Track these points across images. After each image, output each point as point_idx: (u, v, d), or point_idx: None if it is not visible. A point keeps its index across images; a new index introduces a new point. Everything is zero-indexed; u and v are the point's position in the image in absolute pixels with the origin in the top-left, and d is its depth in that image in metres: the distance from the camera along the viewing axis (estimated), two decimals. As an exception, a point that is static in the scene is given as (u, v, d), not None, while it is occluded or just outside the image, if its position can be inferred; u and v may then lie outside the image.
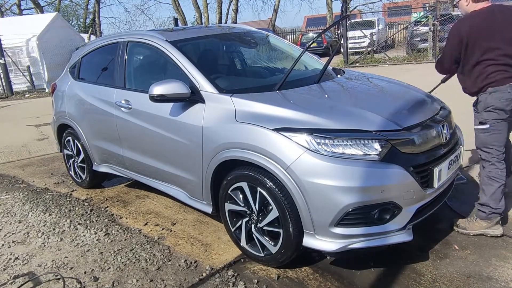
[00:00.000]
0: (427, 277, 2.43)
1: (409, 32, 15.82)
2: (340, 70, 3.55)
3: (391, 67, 13.45)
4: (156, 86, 2.77)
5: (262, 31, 4.12)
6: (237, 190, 2.63)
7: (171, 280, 2.59)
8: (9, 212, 3.88)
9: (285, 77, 2.83)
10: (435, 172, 2.38)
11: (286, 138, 2.31)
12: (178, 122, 2.91)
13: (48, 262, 2.91)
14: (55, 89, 4.54)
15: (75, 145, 4.22)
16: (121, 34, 3.90)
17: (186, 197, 3.09)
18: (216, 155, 2.65)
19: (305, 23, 34.41)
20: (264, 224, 2.52)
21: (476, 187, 3.57)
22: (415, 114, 2.56)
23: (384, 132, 2.30)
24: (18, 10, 28.19)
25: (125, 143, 3.55)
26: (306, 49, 3.08)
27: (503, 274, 2.40)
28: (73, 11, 34.41)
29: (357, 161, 2.22)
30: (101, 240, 3.18)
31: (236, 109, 2.61)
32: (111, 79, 3.70)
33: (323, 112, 2.46)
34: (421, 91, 3.11)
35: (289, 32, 27.28)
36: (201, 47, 3.55)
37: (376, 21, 20.58)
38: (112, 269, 2.76)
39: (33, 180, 4.82)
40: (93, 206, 3.89)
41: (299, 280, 2.50)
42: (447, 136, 2.62)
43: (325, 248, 2.30)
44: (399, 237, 2.31)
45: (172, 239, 3.12)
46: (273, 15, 26.94)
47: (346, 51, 14.91)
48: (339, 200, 2.19)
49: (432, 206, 2.54)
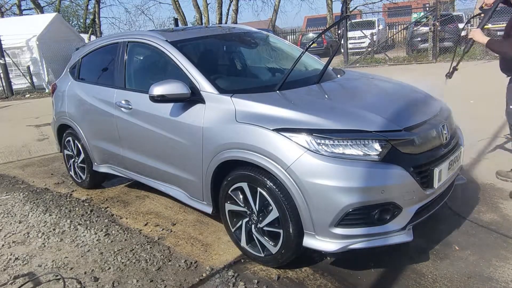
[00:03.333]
0: (428, 278, 2.42)
1: (409, 33, 15.84)
2: (340, 71, 3.55)
3: (391, 67, 13.46)
4: (156, 87, 2.77)
5: (262, 32, 4.12)
6: (237, 191, 2.63)
7: (171, 281, 2.59)
8: (9, 213, 3.88)
9: (285, 78, 2.83)
10: (435, 172, 2.38)
11: (286, 139, 2.31)
12: (178, 123, 2.91)
13: (48, 263, 2.91)
14: (55, 89, 4.54)
15: (75, 145, 4.22)
16: (121, 34, 3.90)
17: (186, 198, 3.09)
18: (216, 155, 2.65)
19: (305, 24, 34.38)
20: (264, 225, 2.52)
21: (476, 187, 3.57)
22: (416, 114, 2.56)
23: (384, 132, 2.30)
24: (18, 10, 28.20)
25: (125, 143, 3.56)
26: (306, 49, 3.08)
27: (504, 274, 2.40)
28: (73, 12, 34.40)
29: (357, 162, 2.22)
30: (101, 241, 3.18)
31: (236, 109, 2.61)
32: (111, 79, 3.70)
33: (323, 112, 2.46)
34: (422, 91, 3.11)
35: (289, 32, 27.26)
36: (201, 48, 3.55)
37: (376, 22, 20.60)
38: (112, 270, 2.76)
39: (33, 181, 4.82)
40: (93, 206, 3.89)
41: (299, 280, 2.50)
42: (447, 137, 2.62)
43: (325, 248, 2.30)
44: (399, 237, 2.31)
45: (172, 240, 3.12)
46: (273, 16, 26.93)
47: (346, 51, 14.92)
48: (339, 201, 2.19)
49: (433, 207, 2.54)
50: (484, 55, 13.24)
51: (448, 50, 14.11)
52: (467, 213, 3.12)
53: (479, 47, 14.14)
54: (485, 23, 3.31)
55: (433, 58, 13.39)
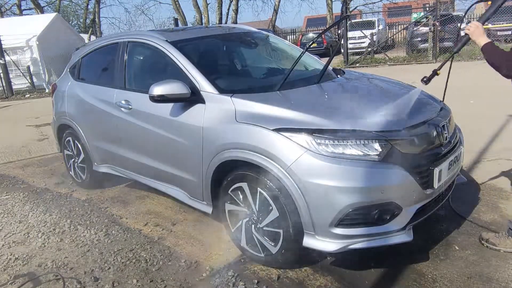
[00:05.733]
0: (428, 278, 2.42)
1: (409, 33, 15.84)
2: (340, 71, 3.55)
3: (391, 67, 13.46)
4: (156, 87, 2.77)
5: (262, 32, 4.12)
6: (237, 191, 2.63)
7: (171, 281, 2.59)
8: (9, 213, 3.88)
9: (286, 78, 2.84)
10: (435, 172, 2.38)
11: (286, 139, 2.31)
12: (178, 123, 2.91)
13: (48, 262, 2.91)
14: (55, 89, 4.54)
15: (75, 145, 4.22)
16: (121, 34, 3.91)
17: (186, 198, 3.09)
18: (216, 155, 2.65)
19: (305, 24, 34.38)
20: (264, 225, 2.52)
21: (476, 187, 3.57)
22: (416, 114, 2.56)
23: (384, 132, 2.30)
24: (18, 10, 28.20)
25: (125, 143, 3.55)
26: (306, 49, 3.08)
27: (504, 274, 2.40)
28: (73, 12, 34.41)
29: (357, 162, 2.22)
30: (101, 241, 3.18)
31: (236, 109, 2.61)
32: (111, 79, 3.70)
33: (323, 112, 2.46)
34: (422, 91, 3.10)
35: (289, 32, 27.25)
36: (201, 48, 3.55)
37: (376, 22, 20.59)
38: (112, 270, 2.76)
39: (33, 181, 4.82)
40: (93, 206, 3.89)
41: (299, 280, 2.50)
42: (447, 137, 2.62)
43: (325, 248, 2.30)
44: (399, 237, 2.31)
45: (172, 239, 3.12)
46: (273, 16, 26.92)
47: (346, 51, 14.91)
48: (339, 201, 2.19)
49: (433, 207, 2.54)
50: (484, 55, 13.23)
51: (448, 50, 14.11)
52: (467, 213, 3.12)
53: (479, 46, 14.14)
54: (490, 16, 2.50)
55: (433, 58, 13.39)
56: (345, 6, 16.60)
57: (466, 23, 3.30)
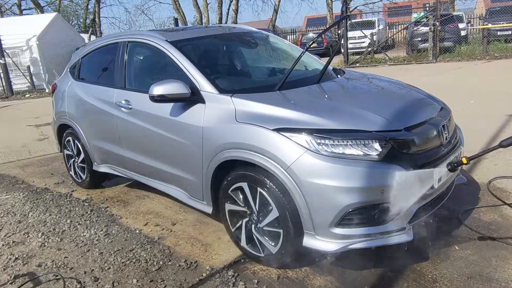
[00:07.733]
0: (427, 278, 2.42)
1: (409, 32, 15.84)
2: (340, 70, 3.55)
3: (391, 67, 13.46)
4: (156, 86, 2.77)
5: (262, 31, 4.12)
6: (237, 190, 2.63)
7: (171, 280, 2.59)
8: (9, 212, 3.88)
9: (286, 77, 2.83)
10: (436, 172, 2.37)
11: (286, 138, 2.31)
12: (178, 122, 2.91)
13: (48, 262, 2.91)
14: (55, 89, 4.54)
15: (75, 145, 4.22)
16: (121, 34, 3.90)
17: (186, 197, 3.09)
18: (216, 155, 2.65)
19: (305, 23, 34.38)
20: (264, 224, 2.52)
21: (476, 187, 3.57)
22: (416, 114, 2.56)
23: (384, 132, 2.30)
24: (18, 10, 28.22)
25: (125, 143, 3.55)
26: (307, 49, 3.08)
27: (504, 274, 2.40)
28: (73, 11, 34.42)
29: (357, 161, 2.22)
30: (101, 240, 3.18)
31: (236, 109, 2.61)
32: (111, 79, 3.70)
33: (323, 112, 2.46)
34: (422, 91, 3.11)
35: (289, 32, 27.26)
36: (201, 47, 3.55)
37: (376, 21, 20.59)
38: (112, 269, 2.76)
39: (33, 180, 4.82)
40: (93, 206, 3.89)
41: (299, 280, 2.50)
42: (447, 137, 2.62)
43: (325, 248, 2.30)
44: (399, 237, 2.31)
45: (172, 239, 3.12)
46: (273, 15, 26.92)
47: (346, 51, 14.92)
48: (339, 201, 2.19)
49: (432, 207, 2.54)
50: (484, 55, 13.25)
51: (448, 50, 14.12)
52: (467, 213, 3.11)
53: (479, 46, 14.16)
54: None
55: (433, 58, 13.39)
56: (345, 6, 16.60)
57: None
